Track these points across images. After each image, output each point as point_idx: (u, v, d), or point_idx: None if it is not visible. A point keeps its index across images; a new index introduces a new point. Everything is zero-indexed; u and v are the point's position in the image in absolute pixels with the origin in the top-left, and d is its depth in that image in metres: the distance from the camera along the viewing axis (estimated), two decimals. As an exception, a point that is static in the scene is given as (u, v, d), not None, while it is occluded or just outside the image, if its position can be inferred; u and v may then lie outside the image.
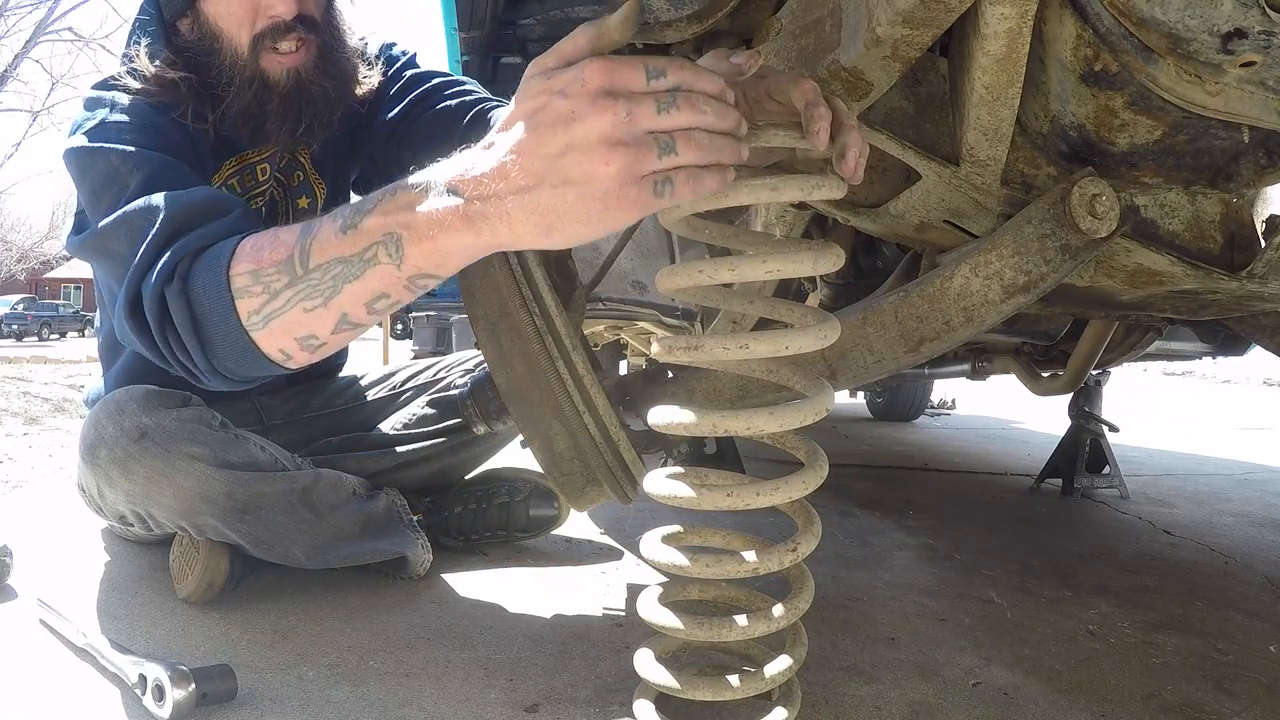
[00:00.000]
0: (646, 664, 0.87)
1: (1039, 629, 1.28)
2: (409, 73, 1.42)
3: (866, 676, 1.07)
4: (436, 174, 0.70)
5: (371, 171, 1.48)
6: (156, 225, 0.93)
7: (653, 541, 0.88)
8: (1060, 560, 1.69)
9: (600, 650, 1.13)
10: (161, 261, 0.90)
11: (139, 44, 1.21)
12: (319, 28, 1.22)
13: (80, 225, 1.12)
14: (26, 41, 14.06)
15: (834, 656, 1.13)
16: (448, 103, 1.33)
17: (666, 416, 0.81)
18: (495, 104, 1.32)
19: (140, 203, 0.97)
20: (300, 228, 0.82)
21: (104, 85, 1.21)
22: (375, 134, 1.41)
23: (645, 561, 0.88)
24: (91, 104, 1.17)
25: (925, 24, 0.72)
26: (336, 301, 0.79)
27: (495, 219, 0.66)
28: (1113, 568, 1.65)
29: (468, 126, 1.28)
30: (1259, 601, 1.48)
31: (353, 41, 1.32)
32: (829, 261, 0.77)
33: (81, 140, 1.11)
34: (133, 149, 1.06)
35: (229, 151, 1.31)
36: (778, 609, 0.85)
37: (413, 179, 0.72)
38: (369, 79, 1.35)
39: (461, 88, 1.37)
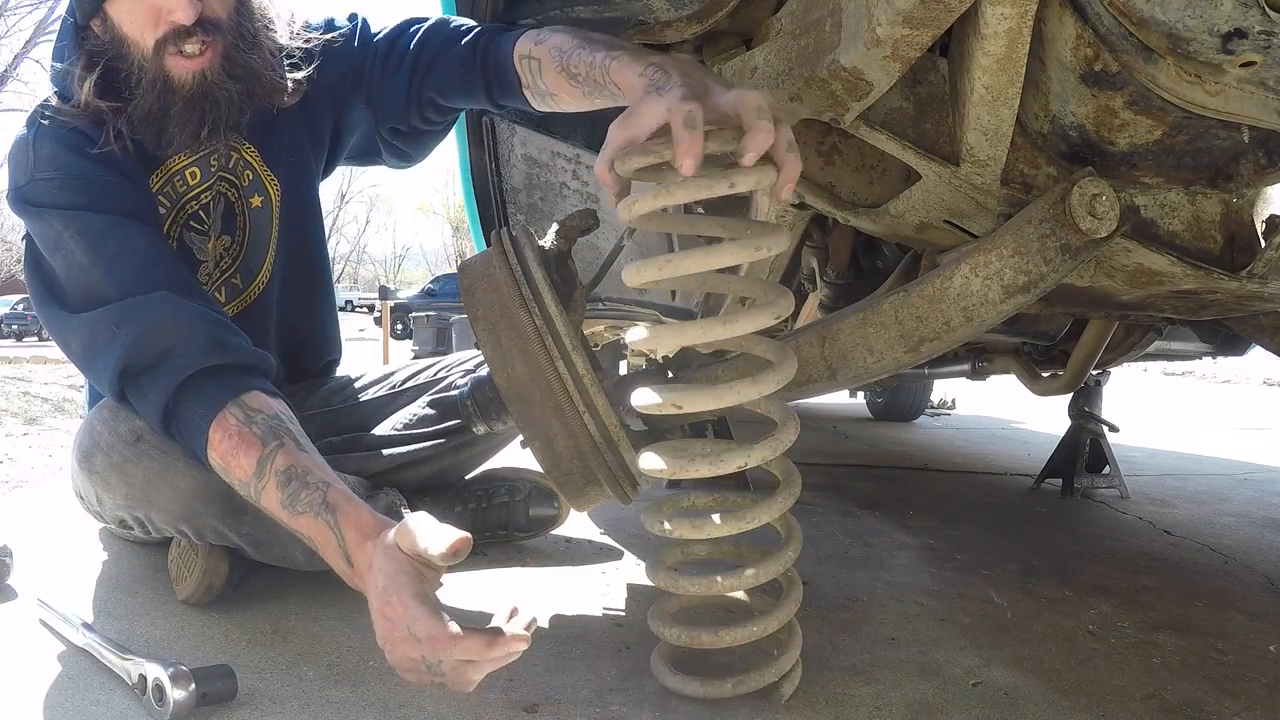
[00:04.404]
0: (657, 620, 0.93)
1: (1039, 629, 1.28)
2: (378, 40, 1.38)
3: (866, 676, 1.07)
4: (348, 529, 0.97)
5: (396, 138, 1.43)
6: (123, 343, 1.12)
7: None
8: (1060, 560, 1.69)
9: (600, 650, 1.13)
10: (147, 392, 1.13)
11: (56, 63, 1.23)
12: (223, 29, 1.20)
13: (35, 260, 1.23)
14: (26, 41, 14.06)
15: (834, 656, 1.13)
16: (453, 46, 1.29)
17: (645, 398, 0.87)
18: (490, 33, 1.27)
19: (105, 314, 1.14)
20: (256, 461, 1.04)
21: (32, 122, 1.23)
22: (388, 105, 1.37)
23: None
24: (18, 154, 1.22)
25: (925, 24, 0.72)
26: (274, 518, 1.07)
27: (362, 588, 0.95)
28: (1113, 568, 1.65)
29: (483, 64, 1.25)
30: (1259, 601, 1.48)
31: (278, 37, 1.29)
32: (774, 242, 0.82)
33: (20, 202, 1.20)
34: (69, 212, 1.17)
35: (154, 163, 1.29)
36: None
37: (341, 504, 1.00)
38: (292, 85, 1.31)
39: (451, 27, 1.32)
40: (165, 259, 1.20)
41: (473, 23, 1.32)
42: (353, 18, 1.42)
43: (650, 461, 0.89)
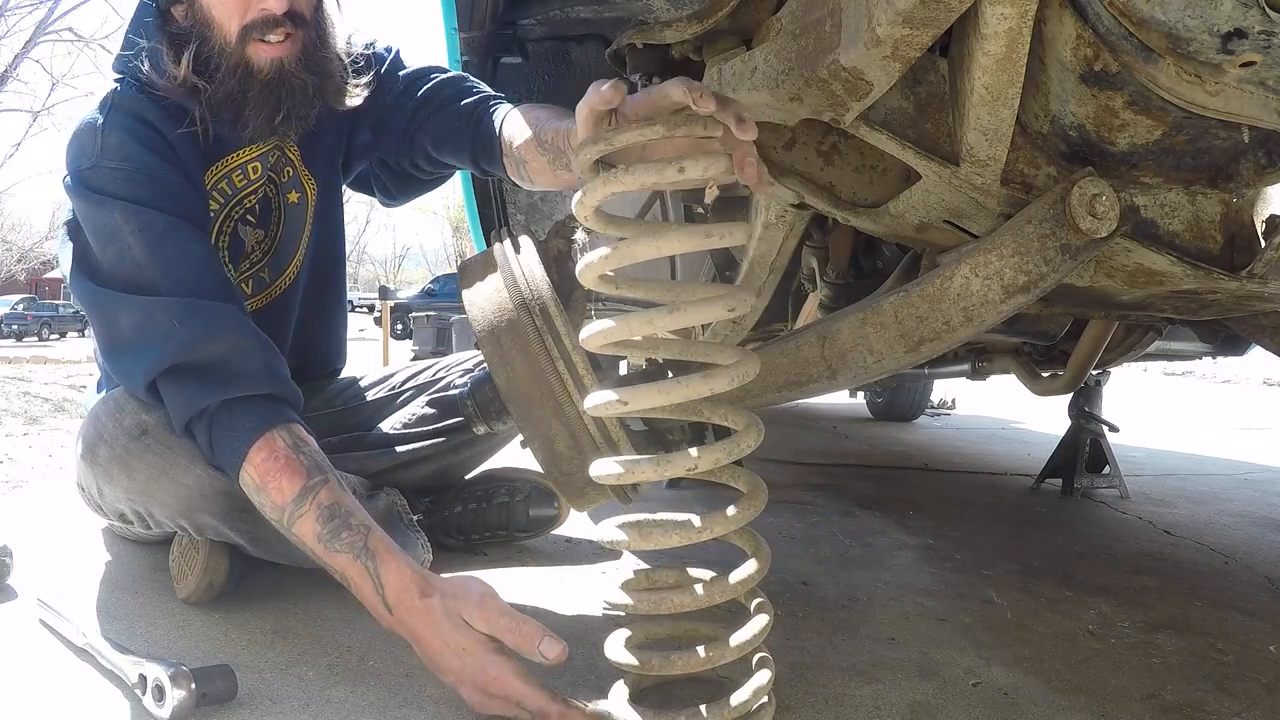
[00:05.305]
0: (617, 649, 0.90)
1: (1039, 629, 1.28)
2: (403, 74, 1.45)
3: (866, 676, 1.07)
4: (389, 578, 1.00)
5: (384, 171, 1.50)
6: (180, 339, 1.13)
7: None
8: (1060, 560, 1.69)
9: (600, 650, 1.13)
10: (188, 395, 1.13)
11: (140, 39, 1.24)
12: (306, 24, 1.24)
13: (82, 249, 1.21)
14: (26, 41, 14.06)
15: (834, 656, 1.13)
16: (454, 105, 1.37)
17: (595, 399, 0.85)
18: (495, 100, 1.35)
19: (166, 304, 1.14)
20: (299, 488, 1.06)
21: (104, 105, 1.24)
22: (386, 136, 1.44)
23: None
24: (84, 137, 1.21)
25: (925, 24, 0.72)
26: (300, 547, 1.09)
27: (402, 635, 0.99)
28: (1113, 568, 1.65)
29: (474, 131, 1.33)
30: (1259, 601, 1.48)
31: (339, 45, 1.33)
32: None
33: (81, 185, 1.20)
34: (133, 206, 1.17)
35: (220, 152, 1.32)
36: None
37: (381, 552, 1.02)
38: (356, 91, 1.36)
39: (462, 85, 1.40)
40: (218, 269, 1.23)
41: (484, 88, 1.39)
42: (389, 49, 1.48)
43: (601, 469, 0.88)
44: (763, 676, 0.89)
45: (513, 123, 1.26)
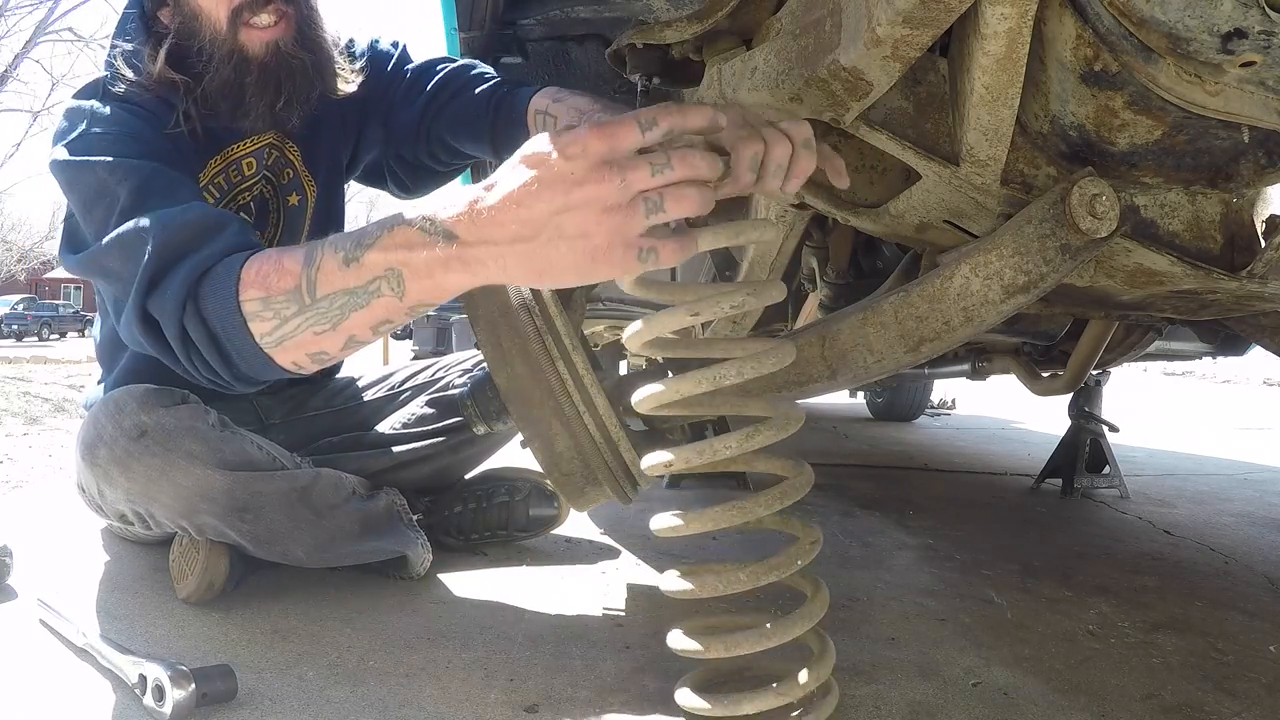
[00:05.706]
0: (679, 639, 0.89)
1: (1039, 629, 1.28)
2: (410, 66, 1.45)
3: (866, 676, 1.07)
4: (437, 210, 0.74)
5: (399, 165, 1.51)
6: (151, 244, 0.96)
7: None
8: (1060, 560, 1.69)
9: (600, 650, 1.13)
10: (169, 285, 0.94)
11: (122, 42, 1.23)
12: (296, 1, 1.24)
13: (71, 232, 1.15)
14: (26, 41, 14.05)
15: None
16: (469, 91, 1.37)
17: (645, 392, 0.86)
18: (509, 85, 1.35)
19: (134, 223, 1.00)
20: (304, 255, 0.85)
21: (85, 93, 1.22)
22: (400, 131, 1.44)
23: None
24: (72, 114, 1.18)
25: (925, 24, 0.72)
26: (344, 326, 0.84)
27: (490, 262, 0.71)
28: (1113, 568, 1.65)
29: (494, 114, 1.33)
30: (1259, 601, 1.48)
31: (328, 27, 1.32)
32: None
33: (64, 154, 1.12)
34: (118, 160, 1.08)
35: (214, 149, 1.31)
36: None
37: (412, 212, 0.76)
38: (353, 77, 1.36)
39: (473, 73, 1.40)
40: (218, 215, 1.06)
41: (494, 74, 1.39)
42: (395, 44, 1.48)
43: (668, 454, 0.88)
44: (828, 650, 0.90)
45: (545, 109, 1.24)
